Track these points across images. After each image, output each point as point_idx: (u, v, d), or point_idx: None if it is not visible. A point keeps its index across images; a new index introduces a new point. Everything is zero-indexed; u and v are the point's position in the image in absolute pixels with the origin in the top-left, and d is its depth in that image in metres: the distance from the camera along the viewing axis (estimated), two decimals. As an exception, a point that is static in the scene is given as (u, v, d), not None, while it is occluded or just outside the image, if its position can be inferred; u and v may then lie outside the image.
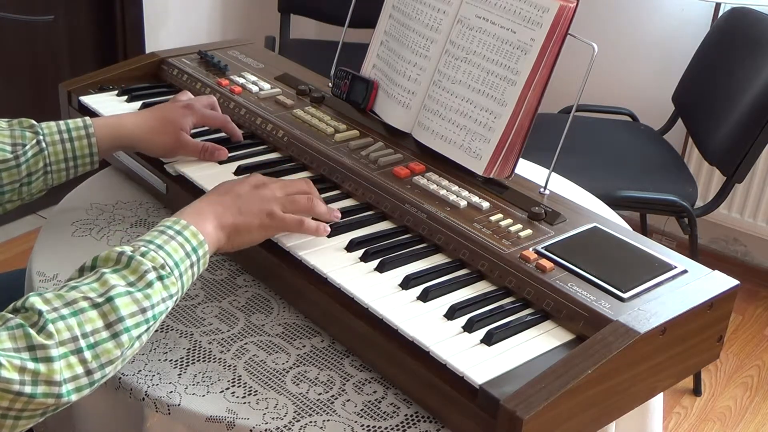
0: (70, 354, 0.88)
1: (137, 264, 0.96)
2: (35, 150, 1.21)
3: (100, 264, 0.97)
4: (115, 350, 0.92)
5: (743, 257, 2.95)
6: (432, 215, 1.18)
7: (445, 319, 1.02)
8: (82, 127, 1.25)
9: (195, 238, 1.02)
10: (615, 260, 1.11)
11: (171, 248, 0.99)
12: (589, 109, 2.59)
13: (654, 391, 1.06)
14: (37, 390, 0.86)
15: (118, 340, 0.92)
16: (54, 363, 0.87)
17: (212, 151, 1.32)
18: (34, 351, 0.86)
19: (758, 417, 2.34)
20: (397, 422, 1.00)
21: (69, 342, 0.88)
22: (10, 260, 2.70)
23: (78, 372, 0.89)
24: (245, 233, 1.10)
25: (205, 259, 1.04)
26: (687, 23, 2.77)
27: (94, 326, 0.90)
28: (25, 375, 0.85)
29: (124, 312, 0.92)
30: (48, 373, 0.86)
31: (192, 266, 1.02)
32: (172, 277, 0.98)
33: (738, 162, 2.14)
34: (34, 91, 2.80)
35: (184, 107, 1.34)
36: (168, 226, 1.02)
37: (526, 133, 1.27)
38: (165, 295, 0.97)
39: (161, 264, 0.97)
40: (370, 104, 1.44)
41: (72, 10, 2.82)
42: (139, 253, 0.97)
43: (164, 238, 1.00)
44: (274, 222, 1.11)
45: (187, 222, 1.03)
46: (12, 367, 0.84)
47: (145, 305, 0.94)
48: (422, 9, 1.36)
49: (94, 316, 0.91)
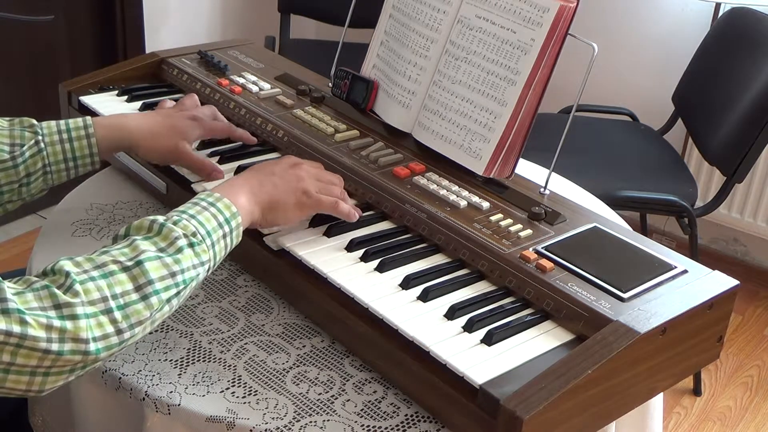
0: (100, 314, 0.90)
1: (168, 231, 0.98)
2: (33, 150, 1.21)
3: (132, 232, 0.99)
4: (144, 311, 0.93)
5: (743, 257, 2.95)
6: (432, 215, 1.18)
7: (445, 319, 1.02)
8: (82, 127, 1.24)
9: (228, 210, 1.04)
10: (615, 260, 1.11)
11: (203, 218, 1.01)
12: (589, 109, 2.59)
13: (654, 391, 1.06)
14: (64, 347, 0.87)
15: (147, 302, 0.94)
16: (80, 320, 0.88)
17: (209, 172, 1.28)
18: (60, 309, 0.88)
19: (758, 417, 2.34)
20: (397, 422, 1.00)
21: (99, 302, 0.90)
22: (10, 260, 2.70)
23: (108, 331, 0.91)
24: (280, 210, 1.11)
25: (238, 231, 1.05)
26: (687, 23, 2.77)
27: (124, 288, 0.92)
28: (52, 333, 0.87)
29: (154, 275, 0.94)
30: (75, 331, 0.88)
31: (225, 237, 1.03)
32: (204, 245, 0.99)
33: (738, 162, 2.14)
34: (34, 91, 2.80)
35: (192, 118, 1.31)
36: (202, 198, 1.04)
37: (526, 133, 1.27)
38: (196, 261, 0.98)
39: (192, 232, 0.99)
40: (370, 104, 1.44)
41: (72, 10, 2.82)
42: (171, 221, 0.99)
43: (197, 209, 1.02)
44: (310, 201, 1.13)
45: (221, 195, 1.05)
46: (38, 325, 0.86)
47: (174, 269, 0.96)
48: (422, 9, 1.36)
49: (124, 278, 0.93)
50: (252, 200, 1.08)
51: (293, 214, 1.13)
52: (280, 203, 1.11)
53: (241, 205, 1.06)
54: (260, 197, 1.09)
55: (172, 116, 1.31)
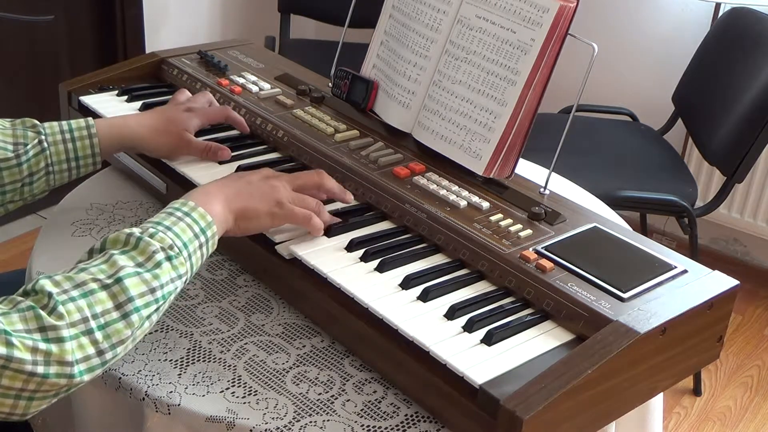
0: (81, 335, 0.89)
1: (145, 245, 0.96)
2: (37, 150, 1.21)
3: (108, 246, 0.98)
4: (125, 330, 0.93)
5: (743, 257, 2.95)
6: (432, 215, 1.18)
7: (445, 319, 1.02)
8: (84, 127, 1.25)
9: (203, 220, 1.03)
10: (615, 260, 1.11)
11: (179, 229, 1.00)
12: (589, 109, 2.59)
13: (654, 391, 1.06)
14: (49, 370, 0.86)
15: (128, 321, 0.93)
16: (65, 343, 0.87)
17: (215, 151, 1.32)
18: (46, 332, 0.87)
19: (758, 417, 2.34)
20: (397, 422, 1.00)
21: (80, 323, 0.89)
22: (10, 260, 2.70)
23: (90, 353, 0.90)
24: (253, 218, 1.11)
25: (213, 240, 1.05)
26: (687, 23, 2.77)
27: (104, 307, 0.91)
28: (38, 355, 0.86)
29: (134, 292, 0.93)
30: (60, 354, 0.87)
31: (201, 247, 1.02)
32: (181, 258, 0.99)
33: (738, 162, 2.14)
34: (34, 91, 2.80)
35: (188, 110, 1.34)
36: (176, 208, 1.03)
37: (526, 133, 1.27)
38: (174, 275, 0.98)
39: (169, 245, 0.98)
40: (370, 104, 1.44)
41: (72, 10, 2.82)
42: (148, 234, 0.98)
43: (172, 220, 1.01)
44: (283, 211, 1.12)
45: (195, 203, 1.04)
46: (24, 348, 0.85)
47: (154, 285, 0.95)
48: (422, 9, 1.36)
49: (104, 297, 0.92)
50: (226, 208, 1.08)
51: (265, 222, 1.12)
52: (253, 211, 1.10)
53: (215, 214, 1.05)
54: (234, 205, 1.09)
55: (168, 110, 1.34)
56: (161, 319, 1.14)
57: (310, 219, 1.13)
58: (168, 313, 1.16)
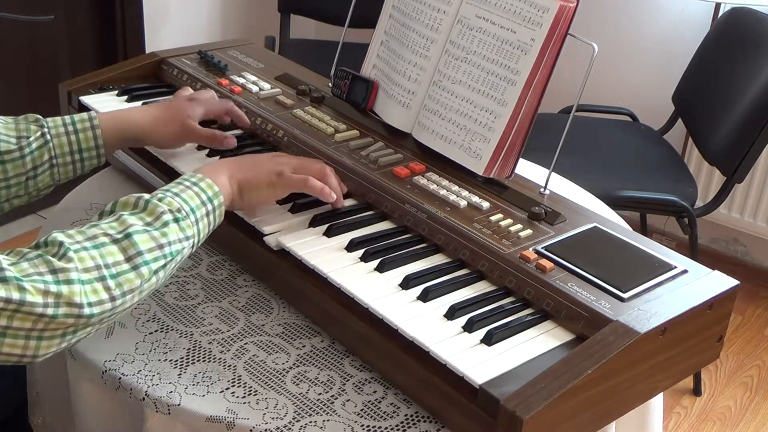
0: (95, 280, 0.94)
1: (154, 206, 1.02)
2: (40, 142, 1.21)
3: (118, 208, 1.03)
4: (135, 280, 0.97)
5: (743, 257, 2.95)
6: (432, 215, 1.18)
7: (445, 319, 1.02)
8: (86, 119, 1.25)
9: (210, 189, 1.08)
10: (615, 260, 1.11)
11: (187, 196, 1.06)
12: (589, 109, 2.59)
13: (654, 391, 1.06)
14: (59, 311, 0.90)
15: (138, 272, 0.97)
16: (74, 285, 0.91)
17: (221, 139, 1.33)
18: (56, 274, 0.91)
19: (758, 417, 2.34)
20: (397, 422, 1.00)
21: (93, 270, 0.94)
22: (10, 260, 2.70)
23: (103, 297, 0.94)
24: (255, 189, 1.15)
25: (221, 210, 1.10)
26: (687, 23, 2.76)
27: (115, 259, 0.96)
28: (48, 297, 0.90)
29: (143, 247, 0.98)
30: (69, 295, 0.91)
31: (208, 215, 1.07)
32: (188, 221, 1.04)
33: (738, 162, 2.14)
34: (34, 91, 2.80)
35: (190, 99, 1.36)
36: (185, 179, 1.09)
37: (526, 133, 1.27)
38: (181, 236, 1.02)
39: (177, 208, 1.03)
40: (370, 104, 1.44)
41: (72, 10, 2.82)
42: (156, 198, 1.03)
43: (181, 188, 1.07)
44: (282, 180, 1.16)
45: (203, 175, 1.10)
46: (36, 291, 0.89)
47: (162, 242, 1.00)
48: (422, 9, 1.36)
49: (114, 250, 0.97)
50: (231, 180, 1.13)
51: (266, 193, 1.16)
52: (254, 183, 1.15)
53: (222, 184, 1.11)
54: (238, 177, 1.14)
55: (171, 102, 1.36)
56: (161, 319, 1.14)
57: (307, 181, 1.17)
58: (168, 313, 1.16)
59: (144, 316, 1.15)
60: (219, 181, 1.10)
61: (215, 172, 1.12)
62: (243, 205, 1.16)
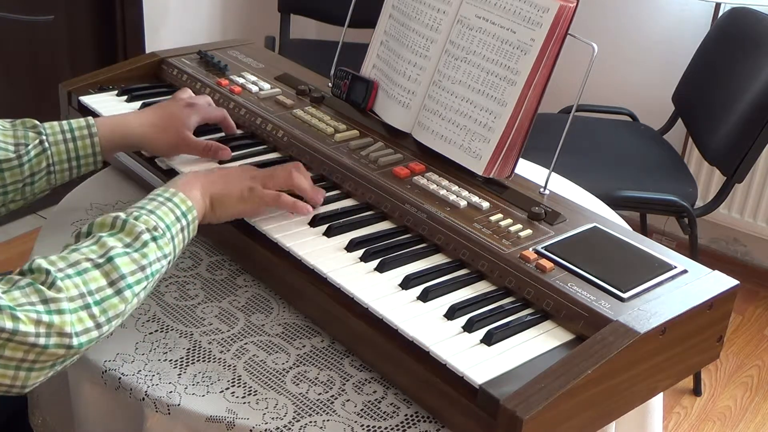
0: (80, 309, 0.93)
1: (131, 226, 1.01)
2: (38, 150, 1.22)
3: (95, 230, 1.02)
4: (120, 305, 0.97)
5: (743, 257, 2.95)
6: (432, 215, 1.18)
7: (445, 319, 1.02)
8: (84, 126, 1.25)
9: (184, 204, 1.08)
10: (615, 260, 1.11)
11: (162, 213, 1.05)
12: (589, 109, 2.59)
13: (654, 391, 1.06)
14: (50, 341, 0.90)
15: (122, 296, 0.97)
16: (65, 315, 0.91)
17: (216, 150, 1.33)
18: (48, 304, 0.91)
19: (758, 417, 2.34)
20: (397, 422, 1.00)
21: (78, 298, 0.93)
22: (10, 260, 2.70)
23: (89, 326, 0.94)
24: (227, 204, 1.15)
25: (194, 224, 1.10)
26: (687, 23, 2.76)
27: (99, 284, 0.96)
28: (41, 327, 0.89)
29: (125, 270, 0.98)
30: (60, 325, 0.91)
31: (182, 230, 1.07)
32: (165, 239, 1.03)
33: (738, 162, 2.14)
34: (34, 91, 2.80)
35: (188, 106, 1.35)
36: (158, 194, 1.09)
37: (526, 133, 1.27)
38: (160, 254, 1.02)
39: (154, 226, 1.03)
40: (370, 104, 1.44)
41: (72, 10, 2.82)
42: (132, 217, 1.02)
43: (155, 204, 1.06)
44: (253, 196, 1.16)
45: (176, 189, 1.09)
46: (29, 321, 0.89)
47: (143, 263, 1.00)
48: (422, 9, 1.36)
49: (98, 275, 0.96)
50: (204, 194, 1.13)
51: (238, 207, 1.16)
52: (227, 197, 1.15)
53: (194, 199, 1.10)
54: (211, 191, 1.14)
55: (168, 106, 1.35)
56: (161, 319, 1.14)
57: (278, 198, 1.17)
58: (168, 313, 1.16)
59: (144, 316, 1.15)
60: (192, 195, 1.10)
61: (188, 186, 1.11)
62: (214, 218, 1.15)
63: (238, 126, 1.43)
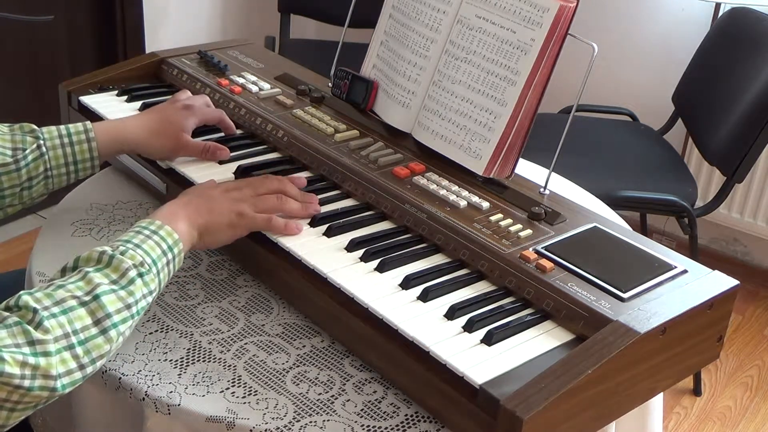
0: (63, 350, 0.91)
1: (119, 262, 0.99)
2: (36, 155, 1.21)
3: (81, 264, 1.00)
4: (105, 345, 0.95)
5: (743, 257, 2.95)
6: (432, 215, 1.18)
7: (445, 319, 1.02)
8: (82, 131, 1.25)
9: (170, 237, 1.06)
10: (615, 260, 1.11)
11: (148, 247, 1.03)
12: (589, 109, 2.59)
13: (654, 391, 1.06)
14: (34, 383, 0.88)
15: (107, 336, 0.95)
16: (52, 357, 0.90)
17: (214, 151, 1.32)
18: (34, 346, 0.89)
19: (758, 417, 2.34)
20: (397, 422, 1.00)
21: (62, 339, 0.91)
22: (10, 260, 2.70)
23: (72, 367, 0.92)
24: (216, 232, 1.13)
25: (180, 257, 1.07)
26: (687, 23, 2.76)
27: (84, 323, 0.94)
28: (26, 369, 0.88)
29: (111, 308, 0.96)
30: (46, 367, 0.89)
31: (168, 264, 1.05)
32: (151, 274, 1.01)
33: (738, 162, 2.14)
34: (34, 91, 2.80)
35: (185, 108, 1.34)
36: (144, 227, 1.06)
37: (526, 133, 1.27)
38: (146, 291, 1.00)
39: (140, 261, 1.01)
40: (370, 104, 1.44)
41: (72, 10, 2.82)
42: (119, 252, 1.00)
43: (141, 238, 1.04)
44: (243, 221, 1.14)
45: (162, 222, 1.07)
46: (14, 362, 0.87)
47: (129, 301, 0.98)
48: (422, 9, 1.36)
49: (83, 313, 0.94)
50: (191, 226, 1.10)
51: (227, 234, 1.14)
52: (215, 226, 1.12)
53: (181, 232, 1.08)
54: (198, 222, 1.11)
55: (166, 110, 1.34)
56: (161, 319, 1.14)
57: (270, 221, 1.15)
58: (168, 313, 1.16)
59: (144, 316, 1.15)
60: (178, 228, 1.07)
61: (173, 218, 1.08)
62: (203, 246, 1.13)
63: (238, 126, 1.43)
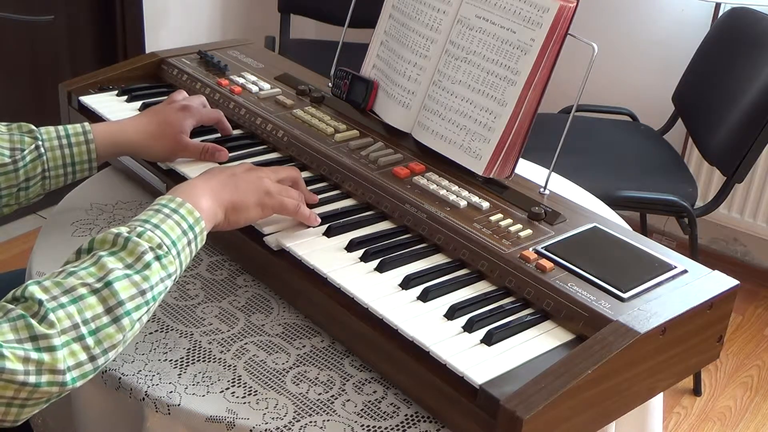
0: (72, 342, 0.88)
1: (134, 245, 0.95)
2: (34, 155, 1.21)
3: (96, 246, 0.96)
4: (117, 334, 0.92)
5: (743, 257, 2.95)
6: (432, 215, 1.18)
7: (445, 319, 1.02)
8: (81, 133, 1.25)
9: (191, 216, 1.02)
10: (615, 260, 1.11)
11: (167, 227, 0.99)
12: (589, 109, 2.59)
13: (654, 391, 1.06)
14: (41, 379, 0.86)
15: (119, 324, 0.92)
16: (57, 352, 0.87)
17: (213, 152, 1.32)
18: (37, 341, 0.86)
19: (758, 417, 2.34)
20: (397, 422, 1.00)
21: (70, 330, 0.88)
22: (10, 260, 2.70)
23: (81, 359, 0.89)
24: (242, 210, 1.10)
25: (202, 236, 1.04)
26: (687, 23, 2.76)
27: (94, 312, 0.90)
28: (29, 365, 0.85)
29: (124, 295, 0.92)
30: (52, 362, 0.86)
31: (189, 244, 1.01)
32: (170, 257, 0.98)
33: (738, 162, 2.14)
34: (34, 91, 2.80)
35: (182, 109, 1.33)
36: (163, 205, 1.02)
37: (526, 133, 1.27)
38: (164, 275, 0.97)
39: (158, 244, 0.97)
40: (370, 104, 1.44)
41: (72, 10, 2.82)
42: (136, 233, 0.96)
43: (160, 217, 1.00)
44: (272, 201, 1.12)
45: (183, 199, 1.03)
46: (16, 358, 0.84)
47: (144, 287, 0.94)
48: (422, 9, 1.36)
49: (94, 302, 0.91)
50: (215, 202, 1.07)
51: (255, 213, 1.12)
52: (242, 203, 1.10)
53: (203, 209, 1.04)
54: (222, 198, 1.08)
55: (163, 111, 1.33)
56: (161, 319, 1.14)
57: (299, 209, 1.15)
58: (168, 313, 1.16)
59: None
60: (200, 204, 1.04)
61: (195, 194, 1.05)
62: (228, 225, 1.10)
63: (238, 126, 1.43)
